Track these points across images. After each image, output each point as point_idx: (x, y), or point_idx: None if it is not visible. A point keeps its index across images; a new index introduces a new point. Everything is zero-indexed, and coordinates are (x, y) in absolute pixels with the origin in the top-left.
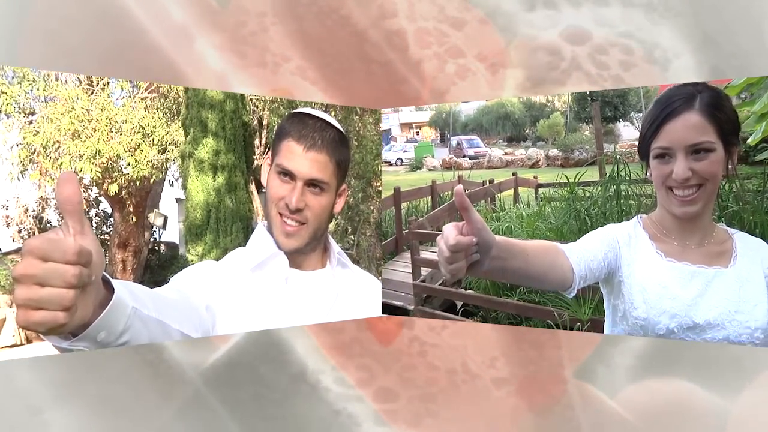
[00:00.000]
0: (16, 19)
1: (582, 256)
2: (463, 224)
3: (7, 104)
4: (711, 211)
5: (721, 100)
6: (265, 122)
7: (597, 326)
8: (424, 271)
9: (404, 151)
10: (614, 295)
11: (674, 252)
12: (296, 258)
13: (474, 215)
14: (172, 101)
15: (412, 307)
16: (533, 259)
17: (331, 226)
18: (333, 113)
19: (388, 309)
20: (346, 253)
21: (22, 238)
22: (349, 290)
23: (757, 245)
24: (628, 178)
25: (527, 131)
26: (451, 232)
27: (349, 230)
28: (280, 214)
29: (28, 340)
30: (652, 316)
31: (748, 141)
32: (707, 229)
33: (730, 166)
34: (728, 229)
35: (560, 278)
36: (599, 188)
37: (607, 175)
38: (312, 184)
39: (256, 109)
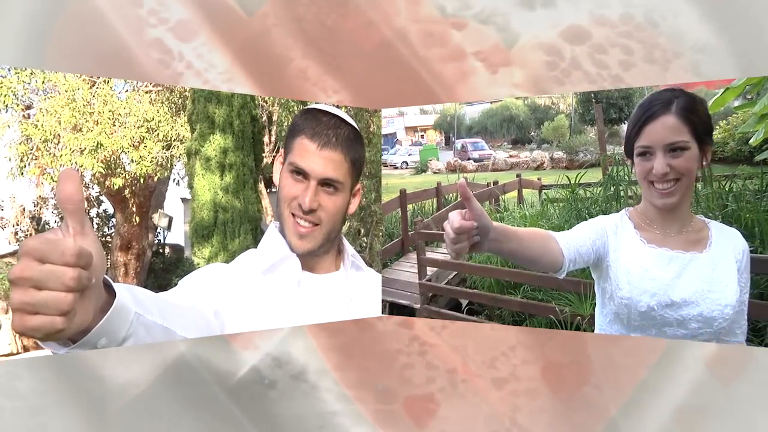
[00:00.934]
0: (17, 20)
1: (572, 242)
2: (466, 211)
3: (5, 96)
4: (689, 203)
5: (696, 105)
6: (275, 118)
7: None
8: (430, 270)
9: (409, 155)
10: (603, 278)
11: (656, 239)
12: (309, 261)
13: (475, 204)
14: (178, 95)
15: (419, 306)
16: (526, 243)
17: (344, 228)
18: (344, 109)
19: (395, 308)
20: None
21: (18, 240)
22: (363, 294)
23: (731, 234)
24: (627, 178)
25: (532, 134)
26: (455, 218)
27: (362, 232)
28: (293, 215)
29: (25, 349)
30: (635, 296)
31: (750, 141)
32: (685, 219)
33: (704, 163)
34: (705, 219)
35: (551, 260)
36: (600, 189)
37: (607, 175)
38: (326, 183)
39: (265, 104)
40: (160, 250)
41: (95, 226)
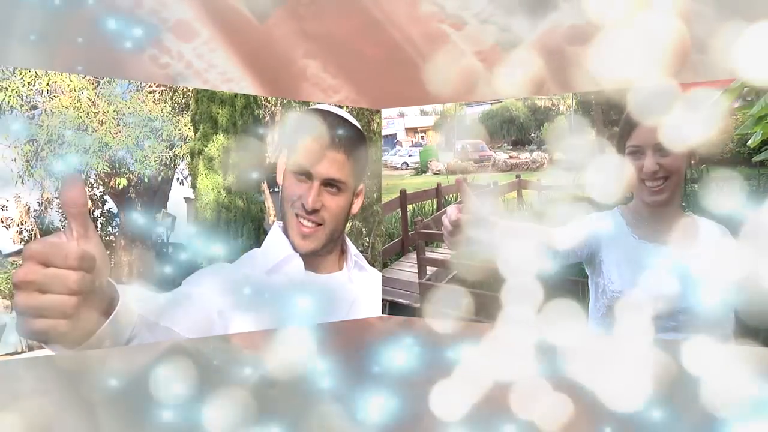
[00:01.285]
0: (21, 22)
1: (566, 237)
2: (463, 205)
3: (10, 97)
4: (678, 200)
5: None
6: (277, 119)
7: None
8: (430, 270)
9: (409, 156)
10: (596, 273)
11: (647, 235)
12: (312, 260)
13: (472, 198)
14: (181, 95)
15: (418, 305)
16: (521, 237)
17: (346, 228)
18: (345, 109)
19: (395, 307)
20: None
21: (22, 240)
22: (366, 293)
23: (718, 231)
24: None
25: (532, 135)
26: (453, 211)
27: (364, 232)
28: (296, 215)
29: (30, 348)
30: (626, 288)
31: (748, 143)
32: (675, 216)
33: (692, 162)
34: (694, 216)
35: (546, 254)
36: None
37: None
38: (329, 183)
39: (268, 104)
40: (164, 250)
41: (99, 226)
